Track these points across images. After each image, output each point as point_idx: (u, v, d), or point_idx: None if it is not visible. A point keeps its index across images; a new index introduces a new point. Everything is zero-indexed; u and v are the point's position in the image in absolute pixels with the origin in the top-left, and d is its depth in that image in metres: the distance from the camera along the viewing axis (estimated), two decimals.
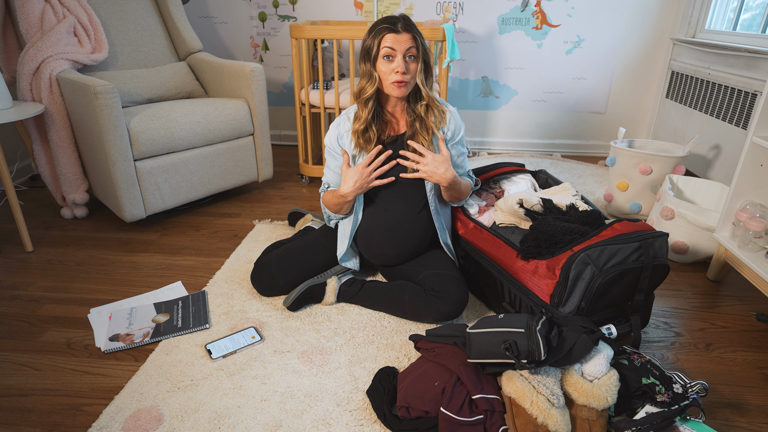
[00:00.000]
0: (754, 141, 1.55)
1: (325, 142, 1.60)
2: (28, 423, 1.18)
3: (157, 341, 1.45)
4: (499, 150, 3.37)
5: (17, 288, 1.74)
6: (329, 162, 1.62)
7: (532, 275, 1.39)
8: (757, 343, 1.50)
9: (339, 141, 1.56)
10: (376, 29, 1.42)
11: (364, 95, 1.47)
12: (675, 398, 1.13)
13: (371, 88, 1.46)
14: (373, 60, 1.44)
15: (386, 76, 1.43)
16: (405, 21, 1.42)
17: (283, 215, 2.31)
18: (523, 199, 1.61)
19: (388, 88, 1.45)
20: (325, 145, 1.62)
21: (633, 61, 3.04)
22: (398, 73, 1.41)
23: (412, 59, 1.43)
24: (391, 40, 1.40)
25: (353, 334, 1.48)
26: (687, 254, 1.88)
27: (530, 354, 1.08)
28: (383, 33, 1.41)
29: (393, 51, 1.40)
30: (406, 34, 1.40)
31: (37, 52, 2.02)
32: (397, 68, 1.40)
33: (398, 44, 1.40)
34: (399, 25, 1.40)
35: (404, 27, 1.41)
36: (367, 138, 1.51)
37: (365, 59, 1.46)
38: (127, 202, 2.01)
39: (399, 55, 1.40)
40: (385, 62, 1.42)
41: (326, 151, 1.62)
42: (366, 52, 1.45)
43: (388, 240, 1.59)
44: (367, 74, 1.46)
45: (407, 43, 1.40)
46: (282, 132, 3.49)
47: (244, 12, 3.14)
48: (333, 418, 1.18)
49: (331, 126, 1.60)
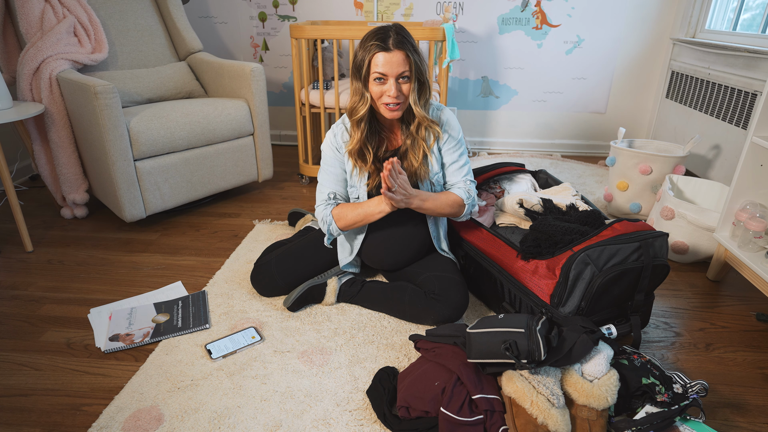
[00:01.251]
0: (754, 141, 1.55)
1: (322, 149, 1.56)
2: (28, 423, 1.18)
3: (157, 341, 1.45)
4: (499, 150, 3.37)
5: (17, 288, 1.74)
6: (328, 169, 1.56)
7: (532, 275, 1.39)
8: (757, 343, 1.50)
9: (338, 150, 1.53)
10: (366, 45, 1.36)
11: (356, 116, 1.43)
12: (675, 398, 1.13)
13: (363, 108, 1.41)
14: (363, 79, 1.39)
15: (378, 98, 1.39)
16: (397, 35, 1.35)
17: (283, 215, 2.31)
18: (523, 199, 1.61)
19: (381, 109, 1.42)
20: (322, 153, 1.57)
21: (633, 61, 3.04)
22: (390, 96, 1.37)
23: (405, 80, 1.38)
24: (382, 64, 1.34)
25: (353, 334, 1.48)
26: (687, 254, 1.88)
27: (530, 354, 1.08)
28: (374, 52, 1.34)
29: (384, 75, 1.35)
30: (398, 53, 1.33)
31: (37, 52, 2.02)
32: (388, 92, 1.36)
33: (390, 68, 1.34)
34: (390, 41, 1.33)
35: (396, 43, 1.33)
36: (362, 158, 1.48)
37: (356, 76, 1.40)
38: (127, 202, 2.01)
39: (391, 78, 1.35)
40: (377, 84, 1.37)
41: (324, 160, 1.56)
42: (357, 68, 1.39)
43: (386, 248, 1.58)
44: (359, 93, 1.41)
45: (399, 66, 1.34)
46: (282, 132, 3.49)
47: (244, 12, 3.14)
48: (333, 418, 1.18)
49: (328, 134, 1.55)
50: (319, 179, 1.60)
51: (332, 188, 1.57)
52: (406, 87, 1.39)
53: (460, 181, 1.57)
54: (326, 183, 1.57)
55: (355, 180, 1.54)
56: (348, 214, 1.51)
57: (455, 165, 1.56)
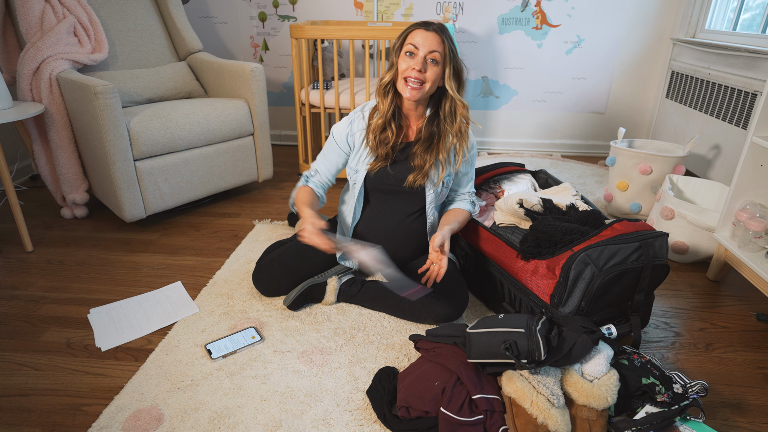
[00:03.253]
0: (754, 141, 1.55)
1: (333, 131, 1.58)
2: (28, 423, 1.18)
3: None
4: (499, 150, 3.37)
5: (17, 288, 1.74)
6: (329, 153, 1.60)
7: (532, 275, 1.39)
8: (757, 343, 1.50)
9: (348, 138, 1.54)
10: (409, 27, 1.40)
11: (383, 81, 1.45)
12: (675, 398, 1.13)
13: (389, 76, 1.43)
14: (396, 51, 1.42)
15: (402, 72, 1.40)
16: (441, 26, 1.39)
17: (283, 215, 2.31)
18: (523, 199, 1.61)
19: (400, 85, 1.42)
20: (331, 134, 1.59)
21: (633, 61, 3.04)
22: (414, 69, 1.36)
23: (434, 63, 1.38)
24: (417, 36, 1.37)
25: (353, 334, 1.48)
26: (687, 254, 1.88)
27: (530, 354, 1.08)
28: (413, 29, 1.38)
29: (415, 49, 1.37)
30: (435, 35, 1.37)
31: (37, 52, 2.02)
32: (414, 65, 1.36)
33: (423, 42, 1.36)
34: (432, 26, 1.38)
35: (437, 29, 1.37)
36: (383, 138, 1.48)
37: (394, 49, 1.43)
38: (127, 202, 2.01)
39: (421, 54, 1.37)
40: (406, 58, 1.39)
41: (329, 140, 1.59)
42: (395, 44, 1.43)
43: (380, 243, 1.58)
44: (391, 66, 1.44)
45: (433, 44, 1.36)
46: (282, 132, 3.49)
47: (244, 12, 3.14)
48: (333, 418, 1.18)
49: (344, 119, 1.57)
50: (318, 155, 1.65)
51: (319, 166, 1.62)
52: (433, 71, 1.39)
53: (465, 193, 1.64)
54: (320, 160, 1.62)
55: (360, 163, 1.53)
56: (297, 201, 1.54)
57: (466, 177, 1.63)
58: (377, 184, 1.54)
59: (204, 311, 1.59)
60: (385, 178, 1.52)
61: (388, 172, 1.52)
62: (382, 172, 1.52)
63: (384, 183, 1.53)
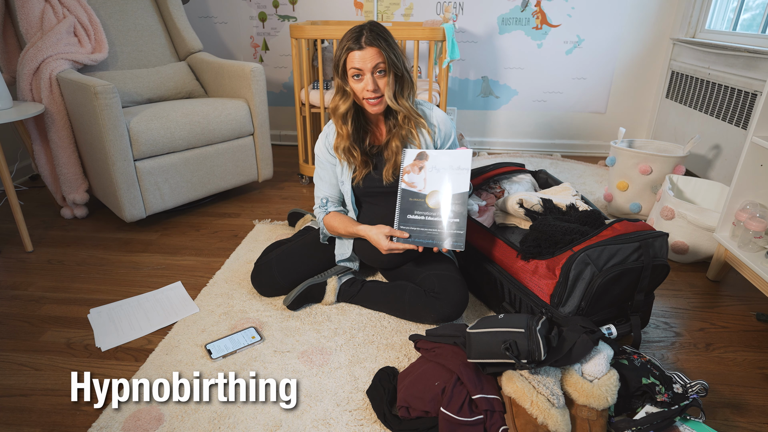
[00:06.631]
0: (754, 141, 1.55)
1: (316, 152, 1.58)
2: (28, 423, 1.18)
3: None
4: (499, 150, 3.37)
5: (17, 288, 1.74)
6: (322, 174, 1.59)
7: (532, 275, 1.39)
8: (757, 343, 1.50)
9: (330, 151, 1.55)
10: (341, 45, 1.38)
11: (339, 111, 1.45)
12: (675, 398, 1.13)
13: (344, 105, 1.43)
14: (342, 77, 1.41)
15: (359, 94, 1.41)
16: (371, 32, 1.35)
17: (283, 215, 2.31)
18: (523, 199, 1.61)
19: (364, 105, 1.43)
20: (316, 156, 1.59)
21: (633, 61, 3.04)
22: (369, 91, 1.38)
23: (382, 74, 1.38)
24: (356, 60, 1.36)
25: (353, 334, 1.48)
26: (687, 254, 1.88)
27: (530, 354, 1.08)
28: (348, 52, 1.36)
29: (359, 71, 1.37)
30: (370, 49, 1.34)
31: (37, 52, 2.02)
32: (366, 86, 1.37)
33: (363, 62, 1.35)
34: (363, 39, 1.34)
35: (369, 41, 1.34)
36: (351, 154, 1.50)
37: (336, 74, 1.42)
38: (127, 202, 2.01)
39: (367, 73, 1.36)
40: (356, 81, 1.39)
41: (317, 163, 1.59)
42: (335, 67, 1.42)
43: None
44: (340, 90, 1.43)
45: (373, 59, 1.35)
46: (282, 132, 3.49)
47: (244, 12, 3.14)
48: (333, 418, 1.18)
49: (320, 136, 1.58)
50: (314, 181, 1.64)
51: (325, 193, 1.61)
52: (383, 81, 1.40)
53: None
54: (320, 186, 1.62)
55: (344, 175, 1.55)
56: (338, 229, 1.56)
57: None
58: (365, 190, 1.56)
59: (204, 311, 1.59)
60: (371, 182, 1.54)
61: (372, 176, 1.53)
62: (366, 177, 1.53)
63: (370, 188, 1.55)
